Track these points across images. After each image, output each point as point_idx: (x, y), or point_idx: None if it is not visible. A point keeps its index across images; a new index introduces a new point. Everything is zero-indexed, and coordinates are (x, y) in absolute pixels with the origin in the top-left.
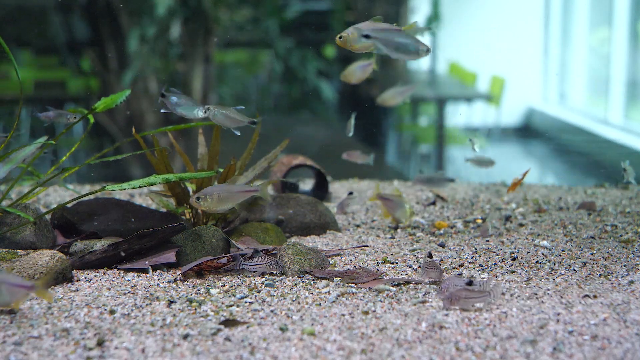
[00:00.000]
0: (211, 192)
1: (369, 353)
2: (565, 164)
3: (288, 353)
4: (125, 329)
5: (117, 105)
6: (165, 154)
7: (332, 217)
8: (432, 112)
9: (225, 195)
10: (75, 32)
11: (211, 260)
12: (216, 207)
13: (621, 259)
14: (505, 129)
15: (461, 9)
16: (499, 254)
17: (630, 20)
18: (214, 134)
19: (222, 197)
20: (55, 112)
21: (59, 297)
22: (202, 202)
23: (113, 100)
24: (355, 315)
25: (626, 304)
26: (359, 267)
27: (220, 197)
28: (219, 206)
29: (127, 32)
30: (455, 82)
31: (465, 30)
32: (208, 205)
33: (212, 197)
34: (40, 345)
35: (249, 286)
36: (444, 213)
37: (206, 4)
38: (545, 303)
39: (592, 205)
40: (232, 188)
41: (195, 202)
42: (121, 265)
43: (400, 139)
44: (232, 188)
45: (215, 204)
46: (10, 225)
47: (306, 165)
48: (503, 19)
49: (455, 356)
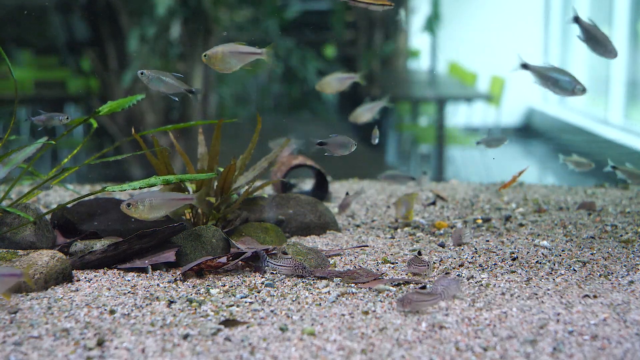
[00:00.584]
0: (142, 199)
1: (369, 353)
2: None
3: (288, 353)
4: (125, 329)
5: (123, 109)
6: (166, 154)
7: (332, 217)
8: (432, 112)
9: (157, 202)
10: (75, 32)
11: (211, 260)
12: (148, 215)
13: (621, 259)
14: (505, 129)
15: (461, 9)
16: (499, 254)
17: (630, 20)
18: (214, 134)
19: (154, 204)
20: (46, 115)
21: (59, 297)
22: (133, 209)
23: (120, 105)
24: (355, 315)
25: (626, 304)
26: (359, 267)
27: (152, 205)
28: (150, 214)
29: (127, 32)
30: (455, 82)
31: (465, 30)
32: (139, 213)
33: (143, 204)
34: (40, 345)
35: (249, 286)
36: (444, 213)
37: (206, 4)
38: (545, 303)
39: (592, 205)
40: (164, 195)
41: (126, 209)
42: (121, 265)
43: (400, 139)
44: (165, 195)
45: (146, 211)
46: (10, 225)
47: (306, 165)
48: (503, 19)
49: (455, 356)
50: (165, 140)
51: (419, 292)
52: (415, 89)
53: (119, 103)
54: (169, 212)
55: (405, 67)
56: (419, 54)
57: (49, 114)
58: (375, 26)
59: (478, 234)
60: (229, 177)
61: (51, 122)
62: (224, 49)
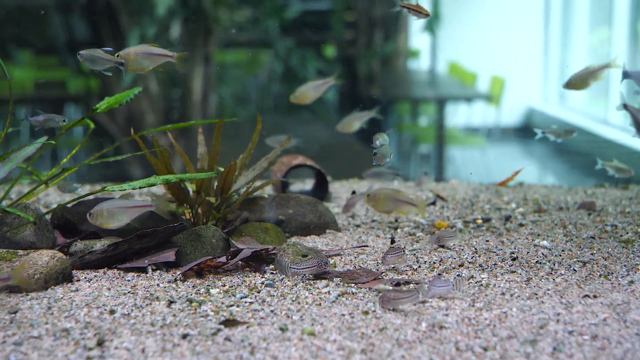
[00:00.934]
0: (100, 209)
1: (369, 353)
2: (565, 164)
3: (288, 353)
4: (125, 329)
5: (120, 104)
6: (166, 154)
7: (332, 217)
8: (432, 112)
9: (117, 211)
10: (75, 32)
11: (211, 259)
12: (110, 224)
13: (621, 259)
14: (505, 129)
15: (461, 9)
16: (499, 254)
17: (630, 20)
18: (214, 134)
19: (113, 212)
20: (44, 116)
21: (59, 297)
22: (96, 218)
23: (117, 100)
24: (355, 315)
25: (626, 304)
26: (359, 267)
27: (112, 213)
28: (111, 222)
29: (127, 32)
30: (455, 82)
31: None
32: (101, 222)
33: (102, 213)
34: (40, 345)
35: (249, 286)
36: (444, 213)
37: (206, 4)
38: (545, 303)
39: (592, 205)
40: (124, 203)
41: (89, 218)
42: (121, 265)
43: (400, 139)
44: (124, 203)
45: (106, 219)
46: (10, 225)
47: (306, 165)
48: (503, 19)
49: (455, 356)
50: (165, 140)
51: (396, 290)
52: (415, 89)
53: (116, 99)
54: (130, 219)
55: (405, 67)
56: (419, 54)
57: (47, 115)
58: (375, 26)
59: (478, 234)
60: (229, 177)
61: (49, 123)
62: (137, 49)
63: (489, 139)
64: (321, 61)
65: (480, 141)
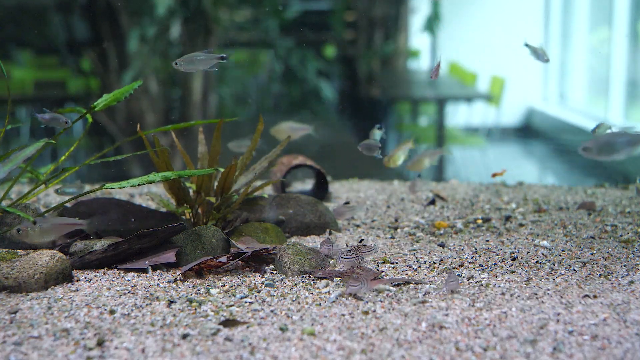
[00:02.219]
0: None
1: (369, 353)
2: (565, 164)
3: (288, 353)
4: (125, 329)
5: (119, 101)
6: (166, 154)
7: (332, 217)
8: (432, 112)
9: (47, 227)
10: (75, 32)
11: (211, 259)
12: (38, 240)
13: (621, 259)
14: (505, 129)
15: (461, 9)
16: (499, 254)
17: (630, 20)
18: (214, 133)
19: (43, 229)
20: (50, 115)
21: (59, 297)
22: (23, 235)
23: (116, 97)
24: (355, 315)
25: (626, 304)
26: (359, 267)
27: (42, 229)
28: (40, 238)
29: (127, 32)
30: (455, 82)
31: (465, 30)
32: (30, 237)
33: (33, 229)
34: (40, 345)
35: (249, 286)
36: (444, 213)
37: (206, 4)
38: (545, 303)
39: (592, 205)
40: (53, 220)
41: (16, 234)
42: (121, 265)
43: (400, 139)
44: (54, 220)
45: (37, 235)
46: (10, 225)
47: (306, 165)
48: (503, 19)
49: (455, 356)
50: (165, 140)
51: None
52: (415, 89)
53: (115, 95)
54: (59, 235)
55: (405, 67)
56: (419, 54)
57: (52, 114)
58: (375, 26)
59: (478, 234)
60: (230, 177)
61: (53, 122)
62: None
63: (489, 138)
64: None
65: (480, 141)
